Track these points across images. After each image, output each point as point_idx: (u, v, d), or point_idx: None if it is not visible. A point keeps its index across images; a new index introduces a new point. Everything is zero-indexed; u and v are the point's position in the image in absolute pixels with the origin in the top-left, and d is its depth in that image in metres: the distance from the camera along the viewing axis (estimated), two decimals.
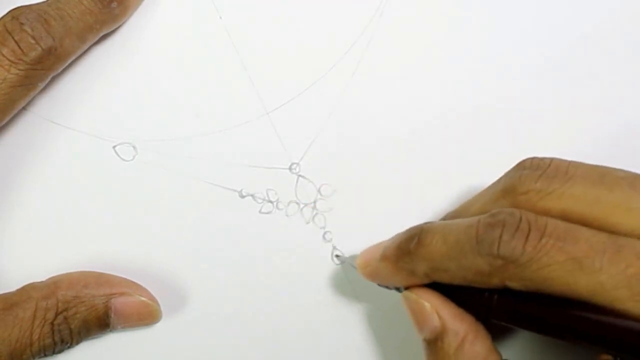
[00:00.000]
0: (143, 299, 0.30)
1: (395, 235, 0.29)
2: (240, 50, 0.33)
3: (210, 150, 0.32)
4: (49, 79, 0.30)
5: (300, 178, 0.33)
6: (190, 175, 0.32)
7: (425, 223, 0.28)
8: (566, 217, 0.25)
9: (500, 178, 0.28)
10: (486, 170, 0.29)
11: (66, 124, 0.32)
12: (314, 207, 0.33)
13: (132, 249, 0.32)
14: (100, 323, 0.30)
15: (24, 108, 0.31)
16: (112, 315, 0.30)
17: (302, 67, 0.33)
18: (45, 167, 0.32)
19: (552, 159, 0.27)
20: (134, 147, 0.32)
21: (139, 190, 0.32)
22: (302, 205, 0.33)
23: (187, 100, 0.33)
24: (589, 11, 0.34)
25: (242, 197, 0.32)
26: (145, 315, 0.31)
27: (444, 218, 0.31)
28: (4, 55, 0.28)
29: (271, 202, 0.33)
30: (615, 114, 0.34)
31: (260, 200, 0.33)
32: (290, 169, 0.33)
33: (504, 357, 0.27)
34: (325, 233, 0.33)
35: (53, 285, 0.29)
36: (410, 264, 0.27)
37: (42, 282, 0.30)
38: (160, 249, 0.32)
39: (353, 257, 0.31)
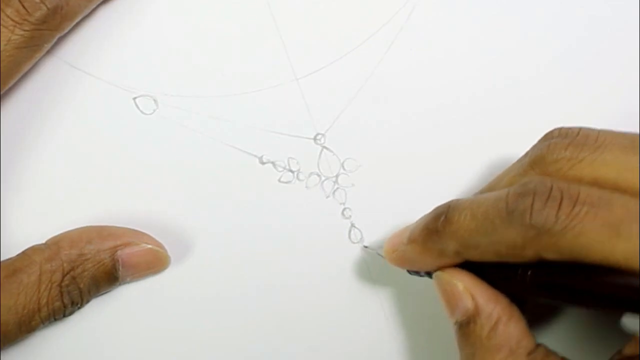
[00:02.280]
0: (149, 246, 0.29)
1: (421, 217, 0.28)
2: (275, 10, 0.31)
3: (233, 111, 0.31)
4: (55, 39, 0.29)
5: (324, 150, 0.31)
6: (210, 135, 0.31)
7: (452, 200, 0.27)
8: (598, 185, 0.24)
9: (528, 151, 0.27)
10: (517, 149, 0.28)
11: (87, 69, 0.31)
12: (336, 181, 0.31)
13: (143, 205, 0.31)
14: (109, 278, 0.29)
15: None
16: (120, 268, 0.29)
17: (338, 35, 0.32)
18: (61, 113, 0.30)
19: (580, 128, 0.26)
20: (155, 101, 0.31)
21: (156, 145, 0.31)
22: (323, 178, 0.31)
23: (214, 58, 0.31)
24: None
25: (263, 163, 0.31)
26: (154, 262, 0.30)
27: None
28: (7, 16, 0.27)
29: (292, 171, 0.31)
30: None
31: (280, 169, 0.31)
32: (315, 139, 0.31)
33: (538, 342, 0.26)
34: (344, 209, 0.31)
35: (55, 246, 0.28)
36: (439, 243, 0.26)
37: (43, 244, 0.29)
38: (172, 208, 0.31)
39: (380, 246, 0.30)
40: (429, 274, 0.28)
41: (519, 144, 0.28)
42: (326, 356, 0.31)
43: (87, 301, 0.29)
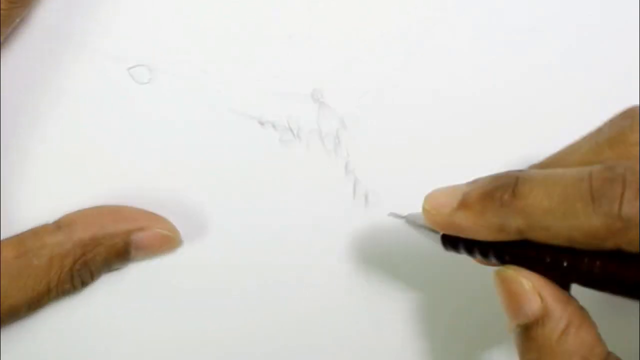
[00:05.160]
0: (164, 232, 0.29)
1: (476, 181, 0.24)
2: None
3: (229, 75, 0.31)
4: (25, 14, 0.29)
5: (322, 105, 0.31)
6: (207, 101, 0.31)
7: (520, 170, 0.24)
8: None
9: (602, 127, 0.25)
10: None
11: (82, 43, 0.31)
12: (336, 136, 0.31)
13: (145, 177, 0.31)
14: (120, 259, 0.29)
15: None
16: (133, 250, 0.29)
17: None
18: (59, 88, 0.30)
19: None
20: (150, 70, 0.31)
21: (154, 115, 0.31)
22: (323, 134, 0.31)
23: (203, 21, 0.31)
24: None
25: (262, 124, 0.31)
26: (166, 246, 0.30)
27: (534, 167, 0.27)
28: None
29: (291, 129, 0.31)
30: None
31: (280, 128, 0.31)
32: (312, 95, 0.31)
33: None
34: (347, 163, 0.31)
35: (67, 228, 0.28)
36: (501, 217, 0.23)
37: (54, 224, 0.28)
38: (175, 178, 0.31)
39: (413, 215, 0.26)
40: (469, 252, 0.25)
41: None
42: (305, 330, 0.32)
43: (98, 278, 0.30)
